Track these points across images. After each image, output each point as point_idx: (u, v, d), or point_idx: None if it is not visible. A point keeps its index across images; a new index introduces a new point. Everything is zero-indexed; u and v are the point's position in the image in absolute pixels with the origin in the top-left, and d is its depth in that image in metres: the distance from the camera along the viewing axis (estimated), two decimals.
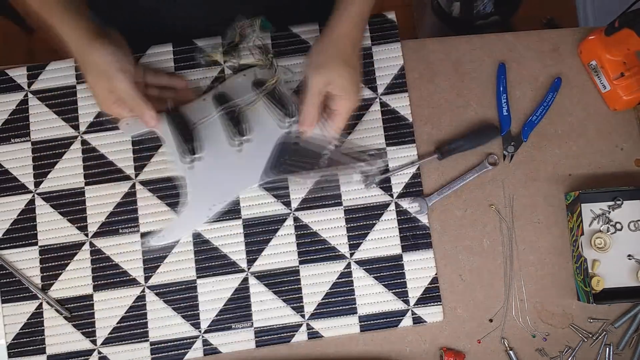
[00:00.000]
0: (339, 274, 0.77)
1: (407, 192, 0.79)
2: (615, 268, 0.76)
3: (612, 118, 0.81)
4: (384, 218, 0.78)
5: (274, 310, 0.77)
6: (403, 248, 0.78)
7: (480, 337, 0.77)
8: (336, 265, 0.77)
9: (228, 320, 0.77)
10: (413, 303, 0.77)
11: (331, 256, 0.78)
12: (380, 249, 0.78)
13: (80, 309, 0.78)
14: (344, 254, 0.78)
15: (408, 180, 0.79)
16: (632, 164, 0.80)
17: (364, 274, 0.77)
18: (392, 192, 0.79)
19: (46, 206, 0.79)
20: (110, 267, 0.78)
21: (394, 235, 0.78)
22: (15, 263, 0.79)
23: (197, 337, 0.77)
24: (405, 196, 0.79)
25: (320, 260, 0.78)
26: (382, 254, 0.78)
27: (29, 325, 0.78)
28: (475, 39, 0.83)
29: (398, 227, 0.78)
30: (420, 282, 0.77)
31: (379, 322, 0.77)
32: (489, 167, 0.79)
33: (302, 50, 0.81)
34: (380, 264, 0.78)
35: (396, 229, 0.78)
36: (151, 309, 0.77)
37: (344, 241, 0.78)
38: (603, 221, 0.77)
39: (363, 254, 0.78)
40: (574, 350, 0.77)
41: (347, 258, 0.78)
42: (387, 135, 0.80)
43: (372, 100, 0.80)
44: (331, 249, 0.78)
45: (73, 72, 0.82)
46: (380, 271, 0.77)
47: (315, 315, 0.77)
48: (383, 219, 0.78)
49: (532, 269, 0.78)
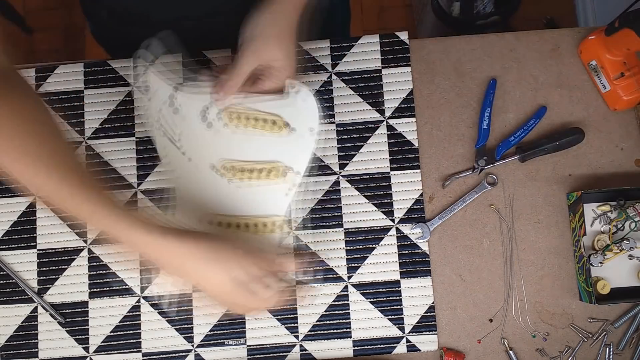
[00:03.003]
0: (335, 296, 0.77)
1: (408, 218, 0.78)
2: (616, 268, 0.76)
3: (612, 118, 0.81)
4: (384, 242, 0.78)
5: (268, 329, 0.77)
6: (401, 274, 0.77)
7: (480, 337, 0.77)
8: (333, 287, 0.77)
9: (221, 336, 0.77)
10: (408, 330, 0.76)
11: (328, 278, 0.77)
12: (378, 274, 0.77)
13: (74, 315, 0.78)
14: (342, 276, 0.77)
15: (410, 206, 0.78)
16: (632, 164, 0.80)
17: (361, 298, 0.77)
18: (393, 216, 0.78)
19: (47, 210, 0.79)
20: (107, 275, 0.78)
21: (393, 260, 0.77)
22: (13, 265, 0.79)
23: (190, 351, 0.77)
24: (406, 222, 0.78)
25: (317, 281, 0.77)
26: (380, 278, 0.77)
27: (23, 328, 0.78)
28: (475, 39, 0.83)
29: (397, 252, 0.78)
30: (416, 310, 0.76)
31: (373, 348, 0.76)
32: (488, 187, 0.79)
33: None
34: (377, 289, 0.77)
35: (395, 254, 0.77)
36: (145, 319, 0.77)
37: (342, 263, 0.78)
38: (604, 221, 0.77)
39: (361, 277, 0.77)
40: (574, 350, 0.76)
41: (344, 281, 0.77)
42: (392, 160, 0.79)
43: (379, 123, 0.80)
44: (329, 271, 0.77)
45: (82, 77, 0.82)
46: (377, 296, 0.77)
47: (309, 336, 0.76)
48: (383, 243, 0.78)
49: (532, 269, 0.78)
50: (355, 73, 0.81)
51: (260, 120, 0.73)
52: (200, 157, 0.74)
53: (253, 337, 0.76)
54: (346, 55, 0.81)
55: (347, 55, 0.81)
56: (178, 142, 0.73)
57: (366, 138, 0.79)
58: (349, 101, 0.80)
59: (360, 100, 0.80)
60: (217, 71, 0.76)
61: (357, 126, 0.80)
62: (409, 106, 0.80)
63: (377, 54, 0.81)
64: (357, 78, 0.81)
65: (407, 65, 0.81)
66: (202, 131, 0.74)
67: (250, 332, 0.76)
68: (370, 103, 0.80)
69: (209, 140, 0.73)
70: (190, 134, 0.73)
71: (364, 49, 0.81)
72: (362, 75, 0.80)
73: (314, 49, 0.81)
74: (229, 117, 0.73)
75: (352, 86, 0.80)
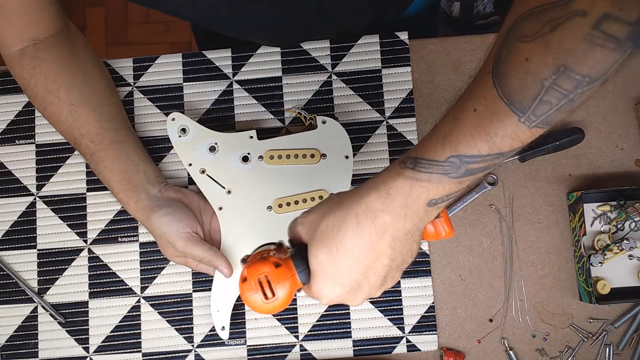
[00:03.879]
0: None
1: None
2: (616, 268, 0.76)
3: (612, 118, 0.81)
4: None
5: (268, 329, 0.77)
6: (402, 274, 0.77)
7: (480, 337, 0.77)
8: None
9: None
10: (408, 330, 0.76)
11: None
12: None
13: (75, 315, 0.78)
14: None
15: None
16: (632, 164, 0.80)
17: None
18: None
19: (47, 210, 0.79)
20: (107, 275, 0.78)
21: None
22: (13, 265, 0.79)
23: (190, 351, 0.77)
24: None
25: None
26: None
27: (23, 328, 0.78)
28: (475, 39, 0.83)
29: None
30: (416, 310, 0.76)
31: (373, 348, 0.76)
32: (488, 187, 0.79)
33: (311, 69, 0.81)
34: None
35: None
36: (145, 319, 0.77)
37: None
38: (604, 221, 0.77)
39: None
40: (574, 350, 0.77)
41: None
42: (392, 160, 0.79)
43: (379, 123, 0.80)
44: None
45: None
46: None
47: (309, 336, 0.76)
48: None
49: (532, 269, 0.78)
50: (355, 73, 0.81)
51: (300, 156, 0.74)
52: (251, 198, 0.75)
53: (253, 337, 0.76)
54: (346, 55, 0.81)
55: (347, 55, 0.81)
56: (224, 184, 0.75)
57: (366, 138, 0.79)
58: (349, 101, 0.80)
59: (360, 100, 0.80)
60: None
61: (357, 126, 0.80)
62: (409, 106, 0.80)
63: (377, 54, 0.81)
64: (357, 78, 0.80)
65: (407, 65, 0.81)
66: (247, 172, 0.75)
67: (250, 332, 0.77)
68: (370, 103, 0.80)
69: (254, 181, 0.75)
70: (236, 176, 0.75)
71: (364, 49, 0.81)
72: (362, 75, 0.80)
73: (314, 49, 0.81)
74: (269, 158, 0.75)
75: (352, 86, 0.80)
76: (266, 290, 0.51)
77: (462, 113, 0.46)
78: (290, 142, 0.75)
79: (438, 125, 0.48)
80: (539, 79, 0.40)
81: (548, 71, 0.40)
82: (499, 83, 0.43)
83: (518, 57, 0.41)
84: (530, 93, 0.41)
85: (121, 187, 0.71)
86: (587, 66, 0.39)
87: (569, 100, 0.41)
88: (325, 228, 0.50)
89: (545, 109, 0.42)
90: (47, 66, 0.69)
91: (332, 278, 0.50)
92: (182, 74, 0.81)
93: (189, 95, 0.81)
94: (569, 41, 0.38)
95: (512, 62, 0.42)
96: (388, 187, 0.48)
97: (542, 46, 0.39)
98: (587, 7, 0.37)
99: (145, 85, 0.81)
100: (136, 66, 0.82)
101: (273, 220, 0.74)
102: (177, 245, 0.70)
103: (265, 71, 0.81)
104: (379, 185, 0.49)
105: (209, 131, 0.75)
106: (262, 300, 0.51)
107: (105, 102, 0.74)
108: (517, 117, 0.43)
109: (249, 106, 0.80)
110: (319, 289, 0.51)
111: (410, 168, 0.47)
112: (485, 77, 0.44)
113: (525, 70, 0.41)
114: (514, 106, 0.42)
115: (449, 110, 0.47)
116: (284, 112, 0.80)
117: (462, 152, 0.45)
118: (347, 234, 0.49)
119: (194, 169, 0.74)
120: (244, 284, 0.51)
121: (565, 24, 0.38)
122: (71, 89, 0.70)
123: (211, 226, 0.75)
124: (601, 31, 0.37)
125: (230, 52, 0.81)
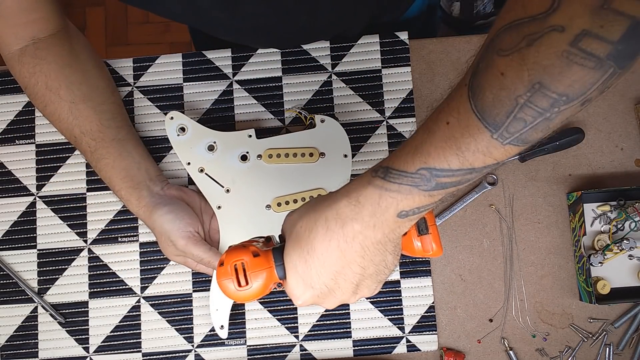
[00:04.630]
0: None
1: None
2: (616, 268, 0.76)
3: (612, 118, 0.81)
4: None
5: (268, 329, 0.77)
6: (401, 274, 0.77)
7: (480, 337, 0.77)
8: None
9: None
10: (408, 330, 0.76)
11: None
12: None
13: (75, 315, 0.78)
14: None
15: None
16: (632, 164, 0.80)
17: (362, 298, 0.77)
18: None
19: (47, 210, 0.79)
20: (107, 275, 0.78)
21: None
22: (13, 265, 0.79)
23: (190, 351, 0.77)
24: None
25: None
26: None
27: (23, 328, 0.78)
28: (475, 39, 0.83)
29: None
30: (416, 310, 0.76)
31: (373, 348, 0.76)
32: (488, 187, 0.79)
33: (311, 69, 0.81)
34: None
35: None
36: (145, 319, 0.77)
37: None
38: (604, 221, 0.77)
39: None
40: (574, 350, 0.77)
41: None
42: None
43: (379, 123, 0.80)
44: None
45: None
46: (377, 296, 0.77)
47: (309, 336, 0.76)
48: None
49: (532, 269, 0.78)
50: (355, 73, 0.81)
51: (299, 155, 0.74)
52: (249, 197, 0.75)
53: (253, 337, 0.76)
54: (346, 55, 0.81)
55: (347, 55, 0.81)
56: (223, 182, 0.75)
57: (366, 138, 0.79)
58: (349, 101, 0.80)
59: (360, 100, 0.80)
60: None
61: (357, 126, 0.80)
62: (409, 106, 0.80)
63: (377, 54, 0.81)
64: (357, 78, 0.81)
65: (407, 65, 0.81)
66: (245, 171, 0.75)
67: (250, 332, 0.77)
68: (370, 103, 0.80)
69: (253, 180, 0.75)
70: (235, 175, 0.75)
71: (364, 49, 0.81)
72: (362, 75, 0.80)
73: (314, 49, 0.81)
74: (268, 157, 0.75)
75: (352, 86, 0.80)
76: (240, 277, 0.51)
77: (435, 125, 0.45)
78: (288, 141, 0.75)
79: (412, 136, 0.47)
80: (513, 95, 0.39)
81: (523, 88, 0.38)
82: (474, 96, 0.41)
83: (494, 71, 0.40)
84: (504, 109, 0.40)
85: (123, 185, 0.71)
86: (564, 84, 0.37)
87: (545, 119, 0.39)
88: (300, 229, 0.50)
89: (520, 126, 0.40)
90: (48, 65, 0.69)
91: (302, 279, 0.50)
92: (182, 74, 0.81)
93: (189, 95, 0.81)
94: (545, 57, 0.36)
95: (487, 76, 0.40)
96: (358, 195, 0.47)
97: (518, 61, 0.38)
98: (565, 23, 0.35)
99: (145, 85, 0.81)
100: (136, 66, 0.82)
101: (272, 219, 0.74)
102: (178, 244, 0.70)
103: (265, 71, 0.81)
104: (350, 192, 0.48)
105: (208, 130, 0.75)
106: (235, 287, 0.51)
107: (106, 100, 0.74)
108: (489, 133, 0.41)
109: (249, 106, 0.80)
110: (291, 288, 0.51)
111: (381, 177, 0.46)
112: (462, 89, 0.43)
113: (499, 85, 0.39)
114: (487, 121, 0.41)
115: (425, 121, 0.46)
116: (284, 112, 0.80)
117: (432, 164, 0.44)
118: (317, 237, 0.48)
119: (192, 168, 0.74)
120: (220, 267, 0.51)
121: (542, 39, 0.36)
122: (71, 87, 0.70)
123: (211, 226, 0.75)
124: (579, 48, 0.35)
125: (230, 52, 0.81)
